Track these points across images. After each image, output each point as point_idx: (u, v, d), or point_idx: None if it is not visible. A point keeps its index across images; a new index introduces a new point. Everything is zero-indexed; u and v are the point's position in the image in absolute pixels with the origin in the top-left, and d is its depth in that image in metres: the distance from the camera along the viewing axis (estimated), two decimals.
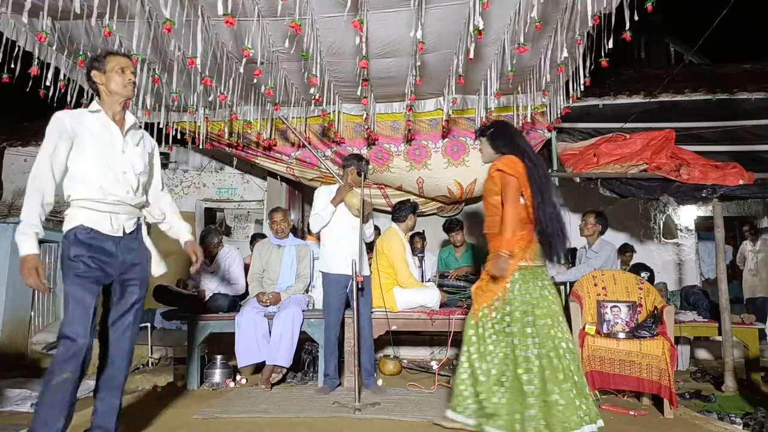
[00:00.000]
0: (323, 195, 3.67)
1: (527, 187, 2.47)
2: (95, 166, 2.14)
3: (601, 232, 4.25)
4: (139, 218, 2.33)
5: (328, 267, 3.59)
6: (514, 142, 2.60)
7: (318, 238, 4.79)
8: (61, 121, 2.12)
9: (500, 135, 2.64)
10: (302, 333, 3.81)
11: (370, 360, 3.62)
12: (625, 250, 5.35)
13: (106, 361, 2.22)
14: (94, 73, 2.23)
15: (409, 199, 4.51)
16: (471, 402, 2.47)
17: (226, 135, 5.15)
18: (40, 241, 2.00)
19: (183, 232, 2.53)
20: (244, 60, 3.50)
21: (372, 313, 3.72)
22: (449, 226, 5.16)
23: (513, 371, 2.37)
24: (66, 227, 2.13)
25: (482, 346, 2.48)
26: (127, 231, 2.22)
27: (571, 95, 4.44)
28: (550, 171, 5.17)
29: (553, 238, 2.48)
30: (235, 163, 5.95)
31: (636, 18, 3.06)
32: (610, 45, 3.37)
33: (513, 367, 2.37)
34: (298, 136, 5.17)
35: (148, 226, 2.46)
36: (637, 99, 5.47)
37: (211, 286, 4.30)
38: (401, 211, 4.15)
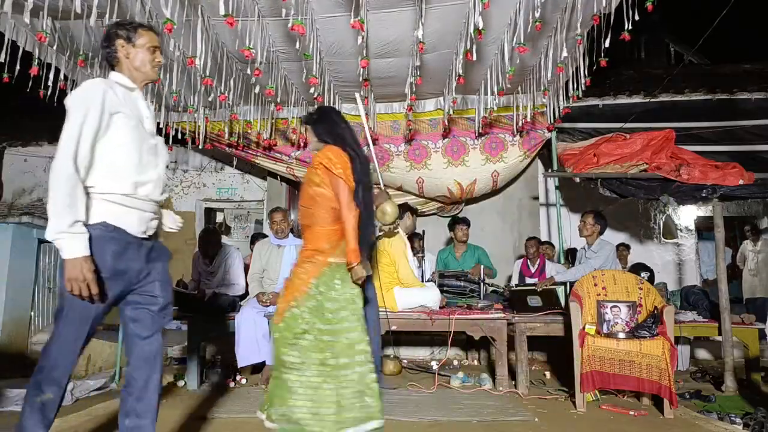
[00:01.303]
0: None
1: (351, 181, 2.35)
2: (133, 158, 1.80)
3: (600, 232, 4.24)
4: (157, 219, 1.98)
5: None
6: (334, 130, 2.46)
7: None
8: (103, 93, 1.74)
9: (321, 122, 2.50)
10: None
11: (376, 362, 3.60)
12: (619, 246, 5.37)
13: (131, 382, 1.86)
14: (120, 42, 1.86)
15: (406, 203, 4.54)
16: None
17: (226, 135, 5.15)
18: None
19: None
20: (249, 62, 3.51)
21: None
22: (455, 220, 5.16)
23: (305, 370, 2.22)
24: None
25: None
26: (149, 233, 1.89)
27: (571, 95, 4.45)
28: (550, 171, 5.19)
29: (364, 235, 2.33)
30: (235, 163, 5.95)
31: (636, 18, 3.07)
32: (607, 44, 3.39)
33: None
34: (368, 135, 5.08)
35: None
36: (637, 99, 5.48)
37: (211, 286, 4.30)
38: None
